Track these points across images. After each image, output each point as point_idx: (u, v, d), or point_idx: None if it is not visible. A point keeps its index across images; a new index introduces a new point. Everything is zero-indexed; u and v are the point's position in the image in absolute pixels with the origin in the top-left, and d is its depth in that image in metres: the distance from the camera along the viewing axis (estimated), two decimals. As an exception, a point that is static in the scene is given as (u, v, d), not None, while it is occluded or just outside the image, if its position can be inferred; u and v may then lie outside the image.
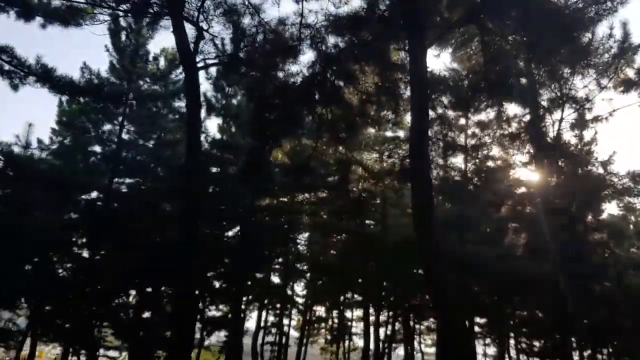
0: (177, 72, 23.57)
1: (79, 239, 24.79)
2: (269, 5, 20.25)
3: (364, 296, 25.92)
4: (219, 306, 29.56)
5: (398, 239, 22.85)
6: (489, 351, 37.98)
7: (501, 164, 22.04)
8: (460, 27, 13.11)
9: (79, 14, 16.00)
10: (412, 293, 27.84)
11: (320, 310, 39.01)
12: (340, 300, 34.96)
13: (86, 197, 23.99)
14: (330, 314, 37.60)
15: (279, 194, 26.03)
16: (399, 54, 14.60)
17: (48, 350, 31.48)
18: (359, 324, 38.65)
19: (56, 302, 23.56)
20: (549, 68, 13.62)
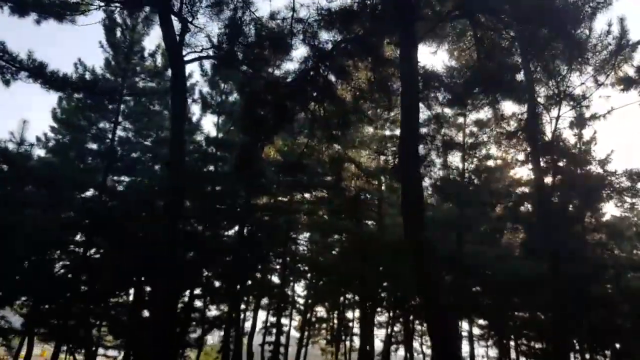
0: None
1: (75, 237, 24.66)
2: (259, -2, 19.98)
3: (361, 296, 25.60)
4: (219, 306, 29.35)
5: (395, 239, 22.53)
6: (491, 353, 37.61)
7: (500, 163, 21.78)
8: (452, 21, 12.85)
9: (72, 8, 15.88)
10: (412, 293, 27.51)
11: (321, 310, 38.83)
12: (340, 300, 34.69)
13: (84, 195, 23.90)
14: (331, 314, 37.36)
15: (276, 193, 25.80)
16: (393, 49, 14.36)
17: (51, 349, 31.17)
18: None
19: (53, 301, 23.45)
20: (543, 63, 13.34)
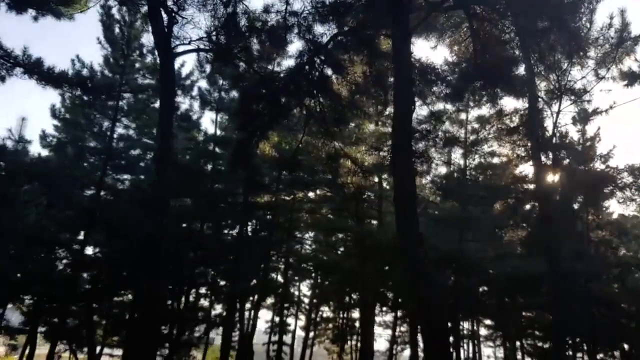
0: (175, 65, 23.34)
1: (76, 236, 24.54)
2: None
3: (362, 296, 25.32)
4: (225, 305, 29.18)
5: (395, 237, 22.21)
6: (499, 354, 37.13)
7: (503, 161, 21.43)
8: (447, 11, 12.58)
9: (70, 4, 15.77)
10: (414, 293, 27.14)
11: (327, 310, 38.66)
12: (345, 300, 34.42)
13: (83, 193, 23.80)
14: (337, 314, 37.13)
15: (277, 191, 25.59)
16: (389, 43, 14.09)
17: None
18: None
19: (54, 299, 23.34)
20: (541, 55, 13.03)
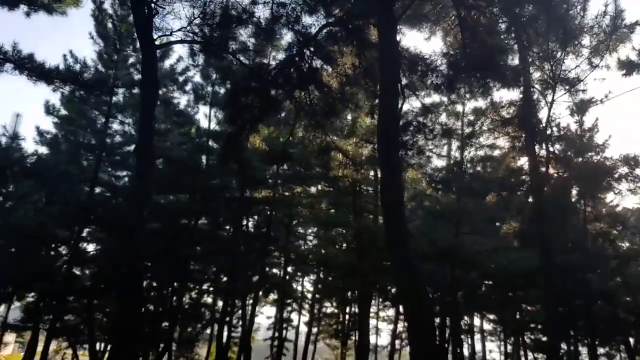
0: (171, 61, 23.28)
1: (73, 232, 24.47)
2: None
3: (360, 291, 25.10)
4: (228, 301, 29.08)
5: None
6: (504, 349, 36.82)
7: (499, 153, 21.22)
8: (433, -1, 12.38)
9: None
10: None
11: (328, 306, 38.49)
12: (347, 295, 34.21)
13: (81, 189, 23.76)
14: (340, 309, 36.93)
15: (274, 186, 25.47)
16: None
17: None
18: (371, 320, 38.03)
19: (54, 297, 23.32)
20: (531, 42, 12.80)
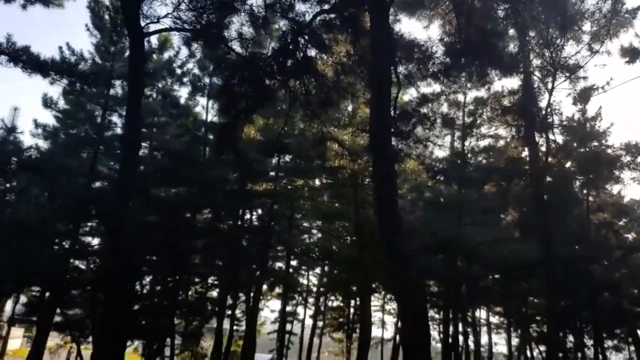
0: (170, 53, 23.07)
1: (75, 226, 24.42)
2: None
3: (361, 284, 24.90)
4: (228, 294, 28.95)
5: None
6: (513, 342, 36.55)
7: (500, 143, 20.91)
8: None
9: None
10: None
11: (334, 299, 38.41)
12: (351, 288, 34.06)
13: (80, 183, 23.69)
14: (346, 303, 36.82)
15: (276, 179, 25.31)
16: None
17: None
18: (376, 313, 37.96)
19: (57, 291, 23.30)
20: (525, 25, 12.49)
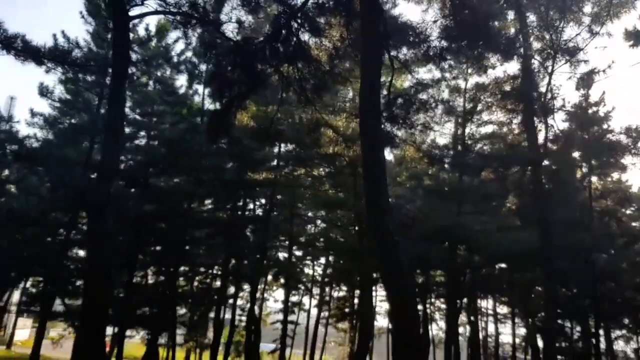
0: (168, 40, 22.78)
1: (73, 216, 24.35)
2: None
3: (361, 273, 24.63)
4: (228, 283, 28.82)
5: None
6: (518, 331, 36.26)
7: (501, 129, 20.52)
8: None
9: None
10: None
11: (339, 289, 38.28)
12: (354, 278, 33.86)
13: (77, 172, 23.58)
14: (350, 293, 36.67)
15: (276, 168, 25.06)
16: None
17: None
18: (383, 304, 37.81)
19: (59, 281, 23.32)
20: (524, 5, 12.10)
